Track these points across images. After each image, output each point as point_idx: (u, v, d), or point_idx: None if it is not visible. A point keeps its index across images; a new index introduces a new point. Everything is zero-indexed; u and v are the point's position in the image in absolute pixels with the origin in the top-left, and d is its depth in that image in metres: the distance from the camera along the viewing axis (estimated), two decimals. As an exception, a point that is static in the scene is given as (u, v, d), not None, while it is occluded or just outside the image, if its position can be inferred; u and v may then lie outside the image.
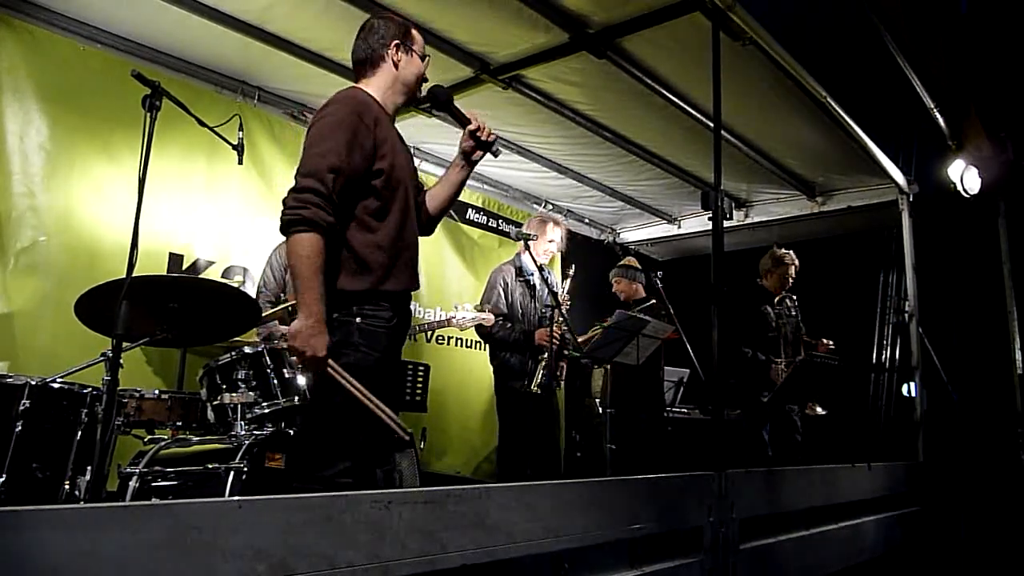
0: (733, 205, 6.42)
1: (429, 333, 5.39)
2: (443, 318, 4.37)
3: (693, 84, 4.37)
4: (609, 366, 4.39)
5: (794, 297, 5.10)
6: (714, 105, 3.51)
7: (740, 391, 4.79)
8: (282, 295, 3.95)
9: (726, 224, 3.25)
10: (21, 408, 2.60)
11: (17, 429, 2.58)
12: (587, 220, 7.12)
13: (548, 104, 4.67)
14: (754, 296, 5.01)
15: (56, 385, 2.75)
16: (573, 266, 4.72)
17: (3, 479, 2.51)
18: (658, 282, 4.88)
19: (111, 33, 3.99)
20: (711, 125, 3.89)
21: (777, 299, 5.01)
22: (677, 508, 2.74)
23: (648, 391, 4.92)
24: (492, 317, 4.22)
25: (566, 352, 4.54)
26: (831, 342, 5.04)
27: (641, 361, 4.40)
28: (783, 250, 5.09)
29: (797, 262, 5.04)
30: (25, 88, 3.69)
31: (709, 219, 3.25)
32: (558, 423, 4.50)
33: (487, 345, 4.64)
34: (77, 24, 3.89)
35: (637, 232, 7.34)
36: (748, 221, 6.56)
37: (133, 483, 2.76)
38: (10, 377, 2.72)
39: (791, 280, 5.04)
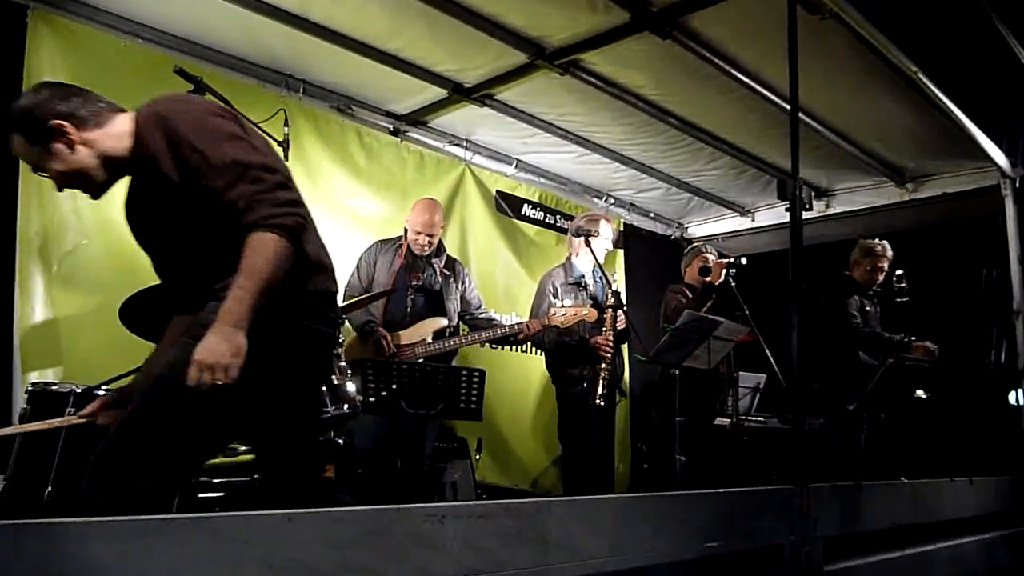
0: (813, 195, 6.28)
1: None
2: (511, 322, 4.37)
3: (767, 63, 4.29)
4: (677, 371, 4.34)
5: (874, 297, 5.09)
6: (791, 85, 3.43)
7: (827, 397, 4.71)
8: None
9: (805, 215, 3.19)
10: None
11: (61, 440, 2.69)
12: (652, 214, 7.07)
13: (608, 90, 4.65)
14: (839, 287, 4.93)
15: (101, 393, 2.85)
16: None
17: (49, 491, 2.61)
18: (731, 280, 4.81)
19: (153, 28, 4.12)
20: (787, 107, 3.81)
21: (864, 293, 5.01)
22: (754, 525, 2.69)
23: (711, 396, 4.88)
24: (595, 312, 4.19)
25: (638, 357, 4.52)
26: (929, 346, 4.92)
27: (713, 365, 4.35)
28: (875, 240, 5.06)
29: (890, 253, 4.97)
30: (67, 88, 3.83)
31: (786, 210, 3.18)
32: (615, 433, 4.47)
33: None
34: (118, 19, 4.02)
35: (707, 226, 7.26)
36: (829, 212, 6.43)
37: (177, 495, 2.84)
38: (55, 385, 2.83)
39: (882, 273, 5.01)
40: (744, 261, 4.73)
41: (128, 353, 3.19)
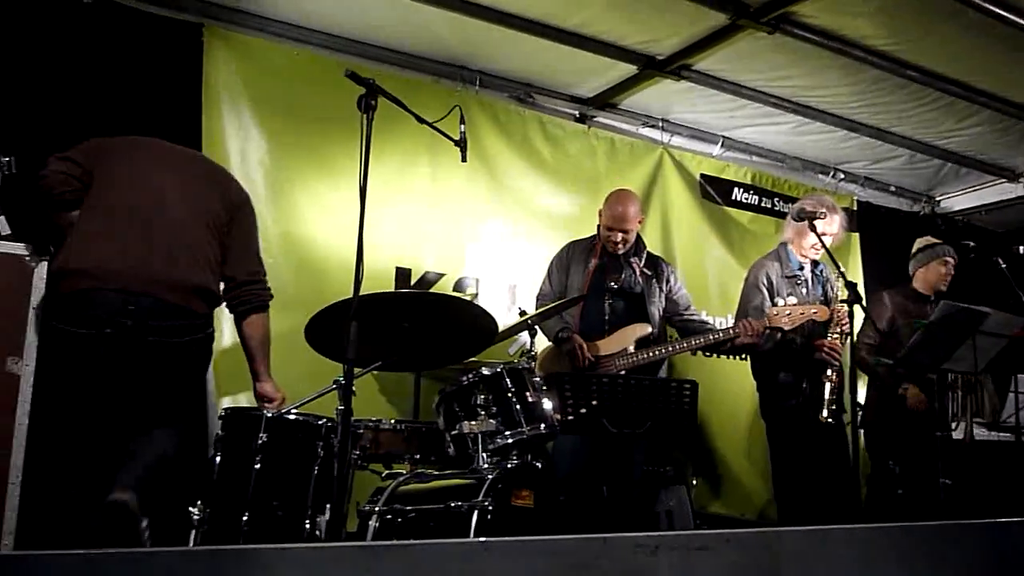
0: (1108, 148, 5.74)
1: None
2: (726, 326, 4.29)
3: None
4: (935, 376, 4.09)
5: None
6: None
7: None
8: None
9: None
10: (259, 442, 2.97)
11: (256, 465, 2.95)
12: (892, 188, 6.81)
13: (829, 45, 4.50)
14: None
15: (292, 416, 3.11)
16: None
17: (246, 517, 2.87)
18: (1000, 262, 4.47)
19: (322, 32, 4.47)
20: (1064, 42, 3.51)
21: None
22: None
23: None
24: (827, 311, 4.08)
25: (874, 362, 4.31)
26: None
27: (981, 367, 4.08)
28: None
29: None
30: (242, 102, 4.23)
31: (1069, 170, 2.92)
32: (848, 452, 4.25)
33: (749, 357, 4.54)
34: (288, 27, 4.40)
35: (964, 197, 6.96)
36: None
37: (373, 522, 3.02)
38: (248, 410, 3.10)
39: None
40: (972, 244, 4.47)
41: (316, 375, 3.44)
